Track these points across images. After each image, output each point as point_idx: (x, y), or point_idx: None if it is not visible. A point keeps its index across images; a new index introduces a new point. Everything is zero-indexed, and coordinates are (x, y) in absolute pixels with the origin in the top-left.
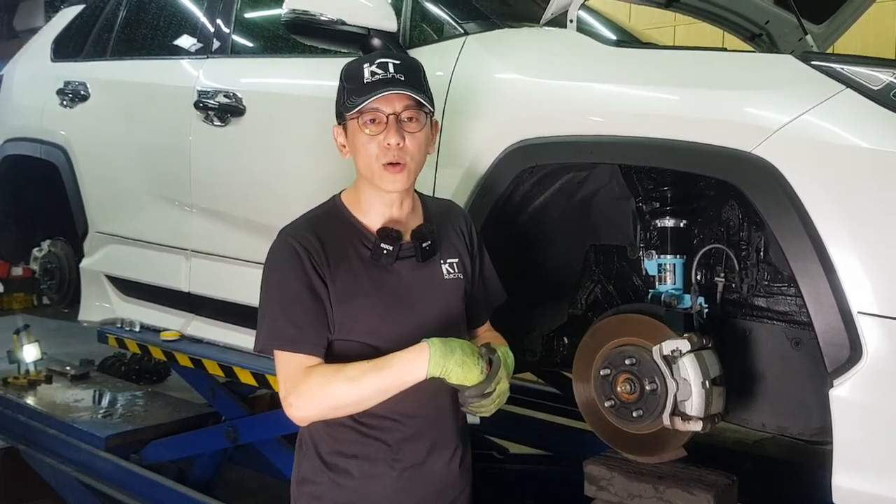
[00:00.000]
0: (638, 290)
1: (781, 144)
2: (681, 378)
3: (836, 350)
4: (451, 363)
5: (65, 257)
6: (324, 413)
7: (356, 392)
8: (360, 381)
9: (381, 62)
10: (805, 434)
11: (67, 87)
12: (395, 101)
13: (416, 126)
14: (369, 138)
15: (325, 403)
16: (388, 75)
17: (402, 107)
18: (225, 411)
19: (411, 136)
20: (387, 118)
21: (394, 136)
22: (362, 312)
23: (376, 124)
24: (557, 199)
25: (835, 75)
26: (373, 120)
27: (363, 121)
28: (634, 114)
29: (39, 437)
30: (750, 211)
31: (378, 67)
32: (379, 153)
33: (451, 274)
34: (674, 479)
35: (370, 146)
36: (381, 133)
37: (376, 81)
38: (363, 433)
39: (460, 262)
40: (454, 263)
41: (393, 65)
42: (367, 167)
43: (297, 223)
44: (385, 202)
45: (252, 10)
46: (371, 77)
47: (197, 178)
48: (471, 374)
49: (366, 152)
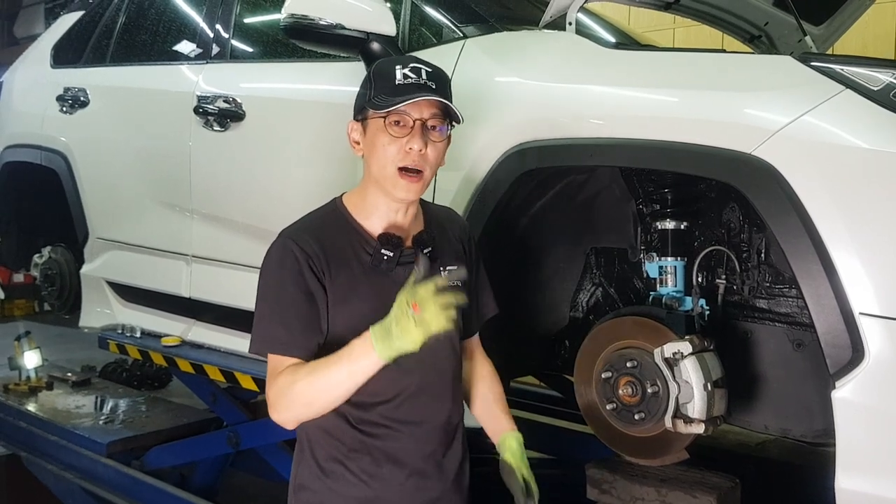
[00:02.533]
0: (639, 293)
1: (782, 146)
2: (682, 380)
3: (838, 351)
4: (395, 339)
5: (65, 263)
6: (300, 413)
7: (317, 386)
8: (317, 375)
9: (415, 67)
10: (807, 436)
11: (67, 93)
12: (424, 107)
13: (439, 136)
14: (392, 139)
15: (295, 402)
16: (421, 81)
17: (430, 114)
18: (226, 417)
19: (433, 144)
20: (413, 122)
21: (418, 141)
22: (360, 318)
23: (401, 127)
24: (558, 202)
25: (834, 76)
26: (398, 122)
27: (389, 121)
28: (634, 116)
29: (41, 443)
30: (750, 212)
31: (411, 71)
32: (397, 156)
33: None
34: (676, 482)
35: (390, 148)
36: (405, 137)
37: (409, 85)
38: (360, 440)
39: (459, 270)
40: (453, 271)
41: (426, 71)
42: (381, 169)
43: (298, 225)
44: (391, 207)
45: (251, 15)
46: (403, 79)
47: (197, 184)
48: (410, 328)
49: (384, 153)
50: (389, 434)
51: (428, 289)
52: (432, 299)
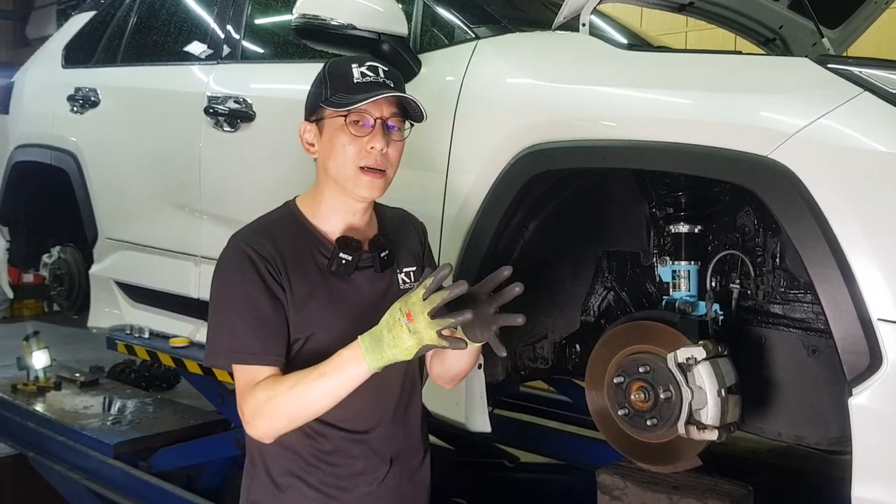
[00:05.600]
0: (651, 297)
1: (799, 148)
2: (696, 386)
3: (855, 358)
4: (387, 349)
5: (74, 263)
6: (282, 427)
7: (303, 399)
8: (304, 388)
9: (372, 65)
10: (822, 444)
11: (78, 93)
12: (384, 105)
13: (399, 135)
14: (352, 139)
15: (277, 416)
16: (380, 79)
17: (390, 113)
18: (234, 418)
19: (394, 143)
20: (374, 121)
21: (380, 140)
22: (319, 324)
23: (361, 126)
24: (570, 205)
25: (852, 78)
26: (357, 121)
27: (349, 120)
28: (648, 118)
29: (48, 443)
30: (765, 216)
31: (369, 69)
32: (358, 156)
33: (407, 284)
34: (688, 489)
35: (350, 147)
36: (366, 136)
37: (367, 83)
38: (316, 449)
39: (417, 271)
40: (411, 272)
41: (383, 70)
42: (341, 170)
43: (251, 228)
44: (349, 209)
45: (262, 16)
46: (361, 77)
47: (207, 184)
48: (404, 336)
49: (343, 153)
50: (347, 444)
51: (421, 296)
52: (426, 308)
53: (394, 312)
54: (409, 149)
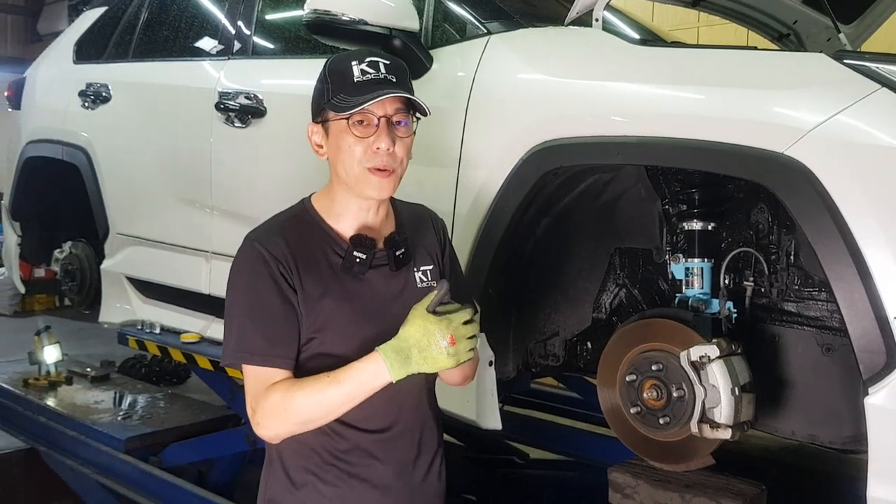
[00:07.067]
0: (664, 295)
1: (815, 145)
2: (709, 384)
3: (871, 357)
4: (414, 365)
5: (86, 259)
6: (292, 430)
7: (318, 406)
8: (320, 395)
9: (372, 61)
10: (836, 443)
11: (89, 88)
12: (387, 103)
13: (405, 131)
14: (357, 140)
15: (290, 420)
16: (381, 75)
17: (394, 110)
18: (244, 414)
19: (401, 140)
20: (378, 120)
21: (385, 140)
22: (332, 323)
23: (366, 126)
24: (582, 201)
25: (869, 74)
26: (361, 121)
27: (352, 121)
28: (661, 114)
29: (59, 438)
30: (780, 213)
31: (369, 66)
32: (364, 156)
33: (424, 282)
34: (701, 488)
35: (356, 148)
36: (371, 136)
37: (369, 81)
38: (333, 447)
39: (434, 270)
40: (428, 271)
41: (384, 64)
42: (348, 170)
43: (265, 227)
44: (362, 207)
45: (273, 12)
46: (362, 76)
47: (218, 180)
48: (440, 358)
49: (350, 155)
50: (363, 440)
51: (462, 321)
52: (467, 333)
53: (430, 334)
54: (421, 143)
